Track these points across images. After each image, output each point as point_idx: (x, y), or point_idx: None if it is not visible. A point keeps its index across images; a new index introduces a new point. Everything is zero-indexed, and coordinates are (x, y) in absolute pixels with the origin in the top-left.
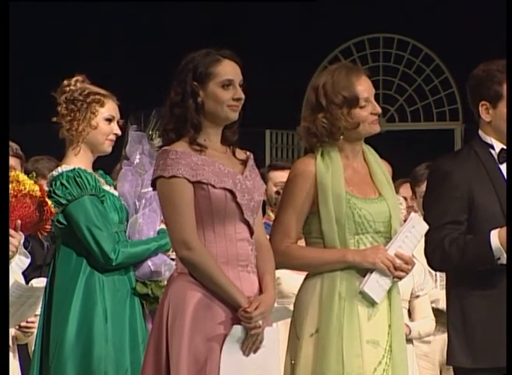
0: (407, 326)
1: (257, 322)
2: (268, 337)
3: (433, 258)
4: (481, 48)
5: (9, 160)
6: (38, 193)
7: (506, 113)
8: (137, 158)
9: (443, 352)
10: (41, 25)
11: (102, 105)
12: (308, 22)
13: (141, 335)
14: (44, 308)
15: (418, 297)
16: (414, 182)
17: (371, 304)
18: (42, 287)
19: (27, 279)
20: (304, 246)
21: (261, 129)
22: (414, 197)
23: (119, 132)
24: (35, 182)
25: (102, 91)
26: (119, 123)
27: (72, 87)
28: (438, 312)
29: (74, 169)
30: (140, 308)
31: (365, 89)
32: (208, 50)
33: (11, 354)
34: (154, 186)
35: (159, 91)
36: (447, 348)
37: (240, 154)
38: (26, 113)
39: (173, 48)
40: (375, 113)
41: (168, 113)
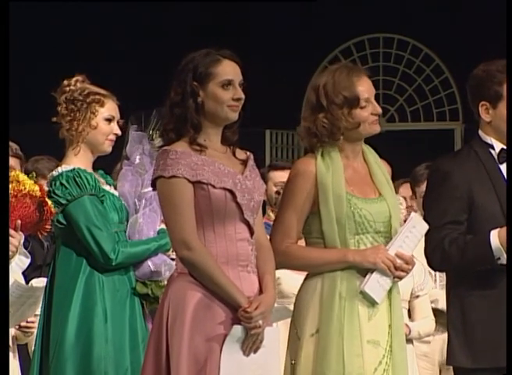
0: (407, 326)
1: (257, 322)
2: (269, 337)
3: (433, 258)
4: (481, 48)
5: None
6: (38, 193)
7: (506, 114)
8: (138, 158)
9: (443, 352)
10: (41, 25)
11: (102, 105)
12: (308, 22)
13: (141, 335)
14: (44, 308)
15: (418, 297)
16: (413, 182)
17: (371, 304)
18: (42, 286)
19: (27, 279)
20: (305, 246)
21: (261, 129)
22: (414, 197)
23: (119, 132)
24: (35, 182)
25: (102, 91)
26: (118, 123)
27: (72, 87)
28: (437, 312)
29: (74, 169)
30: (140, 308)
31: (366, 89)
32: (208, 50)
33: (11, 354)
34: (154, 186)
35: (159, 91)
36: (447, 348)
37: (240, 154)
38: (26, 113)
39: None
40: (375, 114)
41: (168, 113)
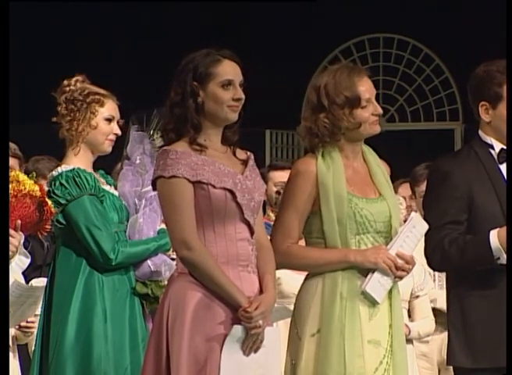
0: (407, 326)
1: (258, 322)
2: (269, 337)
3: (433, 258)
4: (481, 48)
5: None
6: (38, 193)
7: (506, 114)
8: (138, 158)
9: (442, 352)
10: (41, 25)
11: (102, 105)
12: (308, 22)
13: (141, 335)
14: (44, 308)
15: (418, 297)
16: (413, 182)
17: (372, 304)
18: (42, 286)
19: (27, 279)
20: (305, 246)
21: (261, 129)
22: (414, 197)
23: (119, 132)
24: (35, 182)
25: (102, 91)
26: (118, 122)
27: (72, 87)
28: (436, 312)
29: (74, 169)
30: (140, 307)
31: (367, 89)
32: (208, 50)
33: (11, 354)
34: (154, 186)
35: (159, 91)
36: (447, 348)
37: (241, 154)
38: (26, 113)
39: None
40: (376, 114)
41: (168, 113)
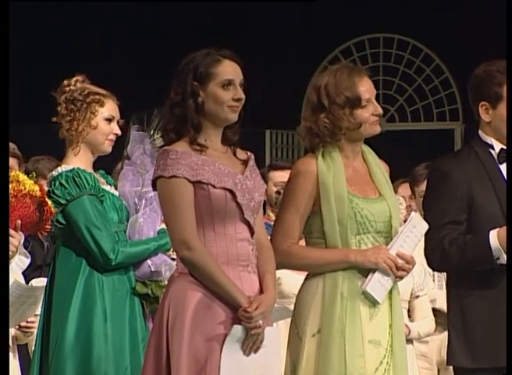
0: (407, 326)
1: (258, 322)
2: (269, 337)
3: (433, 258)
4: (481, 48)
5: None
6: (38, 193)
7: (506, 115)
8: (139, 158)
9: (441, 352)
10: (41, 25)
11: (102, 105)
12: (308, 22)
13: (141, 334)
14: (44, 308)
15: (418, 297)
16: (413, 182)
17: (372, 304)
18: (42, 286)
19: (27, 279)
20: (306, 246)
21: (261, 129)
22: (413, 197)
23: (119, 132)
24: (35, 182)
25: (102, 91)
26: (118, 122)
27: (72, 87)
28: (435, 313)
29: (73, 169)
30: (140, 307)
31: (367, 90)
32: (209, 50)
33: (11, 354)
34: (154, 186)
35: (159, 91)
36: (447, 347)
37: (241, 154)
38: (26, 113)
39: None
40: (376, 114)
41: (168, 113)
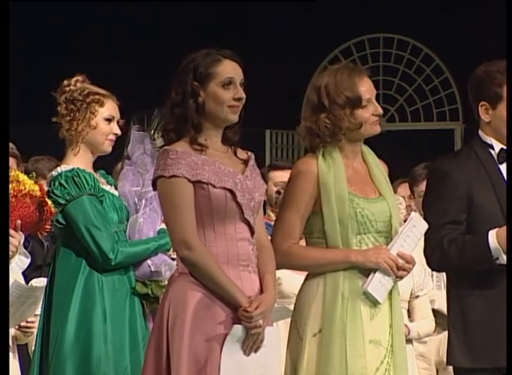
0: (406, 326)
1: (258, 321)
2: (269, 337)
3: (432, 258)
4: (481, 48)
5: None
6: (38, 193)
7: (506, 115)
8: (139, 158)
9: (439, 352)
10: (41, 25)
11: (102, 105)
12: (308, 22)
13: (141, 334)
14: (44, 308)
15: (418, 297)
16: (412, 182)
17: (373, 304)
18: (42, 286)
19: (27, 279)
20: (306, 246)
21: (261, 129)
22: (413, 196)
23: (119, 132)
24: (35, 182)
25: (102, 91)
26: (118, 122)
27: (72, 87)
28: (434, 313)
29: (73, 169)
30: (140, 307)
31: (367, 90)
32: (209, 50)
33: (11, 354)
34: (154, 186)
35: (159, 91)
36: (447, 347)
37: (242, 154)
38: (26, 113)
39: (173, 48)
40: (376, 114)
41: (168, 113)
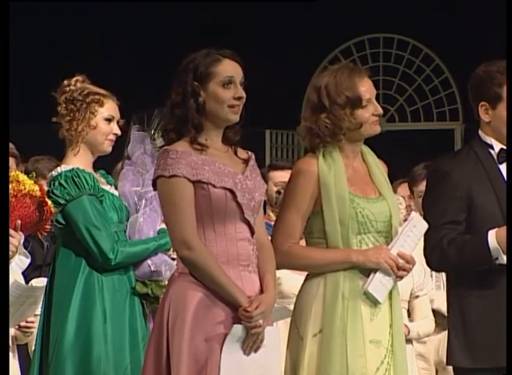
0: (406, 326)
1: (258, 321)
2: (269, 337)
3: (432, 258)
4: (481, 48)
5: None
6: (38, 193)
7: (506, 115)
8: (139, 158)
9: (438, 352)
10: (41, 25)
11: (102, 105)
12: (308, 22)
13: (141, 334)
14: (44, 308)
15: (418, 297)
16: (411, 181)
17: (373, 304)
18: (42, 286)
19: (27, 279)
20: (307, 246)
21: (261, 129)
22: (412, 196)
23: (119, 132)
24: (35, 182)
25: (102, 91)
26: (118, 122)
27: (72, 87)
28: (433, 313)
29: (73, 169)
30: (140, 307)
31: (367, 90)
32: (209, 50)
33: (10, 354)
34: (154, 185)
35: (159, 91)
36: (447, 347)
37: (242, 153)
38: (26, 113)
39: (173, 48)
40: (376, 114)
41: (169, 114)
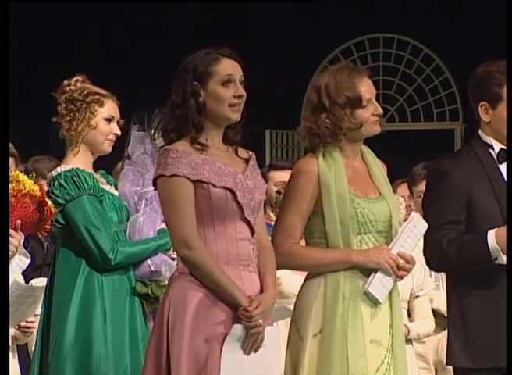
0: (406, 326)
1: (258, 321)
2: (269, 337)
3: (432, 258)
4: (481, 48)
5: None
6: (38, 193)
7: (506, 115)
8: (139, 158)
9: (437, 352)
10: (41, 25)
11: (101, 105)
12: (308, 22)
13: (141, 334)
14: (44, 308)
15: (418, 297)
16: (411, 181)
17: (373, 304)
18: (41, 286)
19: (27, 279)
20: (307, 246)
21: (261, 129)
22: (412, 196)
23: (119, 132)
24: (35, 182)
25: (102, 91)
26: (118, 122)
27: (72, 87)
28: (432, 312)
29: (72, 169)
30: (140, 307)
31: (367, 90)
32: (208, 50)
33: (10, 354)
34: (155, 185)
35: (159, 91)
36: (447, 347)
37: (243, 153)
38: (26, 113)
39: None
40: (376, 114)
41: (169, 114)
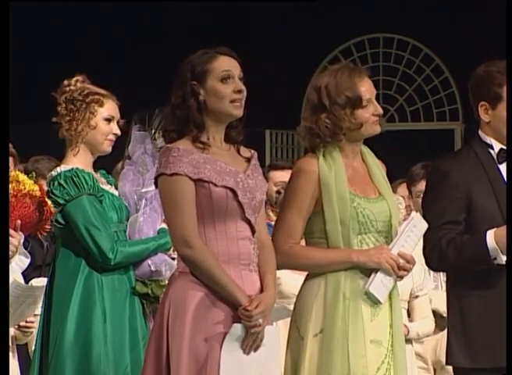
0: (406, 326)
1: (258, 320)
2: (269, 336)
3: (431, 258)
4: (481, 48)
5: None
6: (38, 193)
7: (506, 115)
8: (139, 158)
9: (436, 352)
10: (41, 25)
11: (101, 105)
12: (308, 22)
13: (141, 334)
14: (44, 308)
15: (417, 297)
16: (410, 181)
17: (374, 304)
18: (41, 286)
19: (27, 279)
20: (308, 246)
21: (261, 129)
22: (411, 196)
23: (119, 132)
24: (35, 182)
25: (102, 91)
26: (118, 122)
27: (72, 87)
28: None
29: (72, 169)
30: (140, 307)
31: (367, 90)
32: (205, 50)
33: (10, 354)
34: (156, 184)
35: (159, 91)
36: (446, 347)
37: (245, 152)
38: (26, 113)
39: (173, 48)
40: (376, 114)
41: (170, 115)
